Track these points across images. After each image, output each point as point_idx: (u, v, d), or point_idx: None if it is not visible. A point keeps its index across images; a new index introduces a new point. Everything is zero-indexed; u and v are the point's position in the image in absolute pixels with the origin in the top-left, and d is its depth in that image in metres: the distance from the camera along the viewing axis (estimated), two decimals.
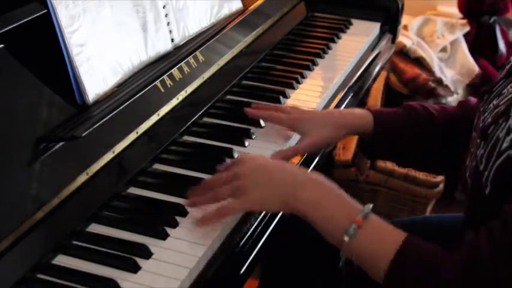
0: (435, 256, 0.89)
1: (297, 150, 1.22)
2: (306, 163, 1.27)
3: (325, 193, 0.97)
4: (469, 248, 0.87)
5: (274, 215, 1.11)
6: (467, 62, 2.62)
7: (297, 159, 1.27)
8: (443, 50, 2.63)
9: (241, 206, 0.99)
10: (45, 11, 1.04)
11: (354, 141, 2.24)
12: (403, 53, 2.52)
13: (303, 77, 1.54)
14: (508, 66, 1.07)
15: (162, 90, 1.21)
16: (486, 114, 1.04)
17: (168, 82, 1.23)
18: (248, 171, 1.00)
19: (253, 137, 1.28)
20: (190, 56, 1.31)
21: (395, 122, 1.25)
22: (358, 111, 1.27)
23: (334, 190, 0.97)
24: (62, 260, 0.95)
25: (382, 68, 1.79)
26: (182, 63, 1.28)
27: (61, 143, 0.99)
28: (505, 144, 0.92)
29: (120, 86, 1.16)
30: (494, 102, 1.03)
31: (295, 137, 1.30)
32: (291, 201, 0.96)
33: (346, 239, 0.92)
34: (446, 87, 2.48)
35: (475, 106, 1.22)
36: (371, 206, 0.95)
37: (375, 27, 1.82)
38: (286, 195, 0.96)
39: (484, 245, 0.85)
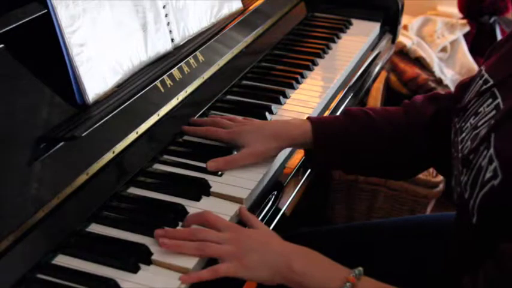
0: None
1: (235, 160, 1.17)
2: (305, 164, 1.27)
3: (314, 260, 0.98)
4: None
5: (275, 213, 1.11)
6: (467, 62, 2.62)
7: (297, 159, 1.27)
8: (443, 50, 2.63)
9: (233, 270, 0.95)
10: (45, 11, 1.04)
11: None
12: (403, 53, 2.51)
13: (303, 77, 1.54)
14: (480, 81, 1.04)
15: (162, 90, 1.21)
16: (464, 134, 1.01)
17: (168, 82, 1.23)
18: (241, 239, 0.98)
19: None
20: (190, 56, 1.31)
21: (334, 128, 1.21)
22: (295, 121, 1.24)
23: (321, 257, 0.98)
24: (62, 260, 0.95)
25: (382, 68, 1.79)
26: (182, 63, 1.28)
27: (61, 143, 0.99)
28: (488, 174, 0.89)
29: (120, 86, 1.16)
30: (471, 121, 1.00)
31: None
32: (283, 271, 0.96)
33: None
34: (446, 87, 2.48)
35: (420, 105, 1.22)
36: (361, 268, 0.95)
37: (374, 27, 1.83)
38: (279, 264, 0.96)
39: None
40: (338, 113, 1.47)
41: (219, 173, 1.15)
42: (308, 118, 1.23)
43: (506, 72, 0.98)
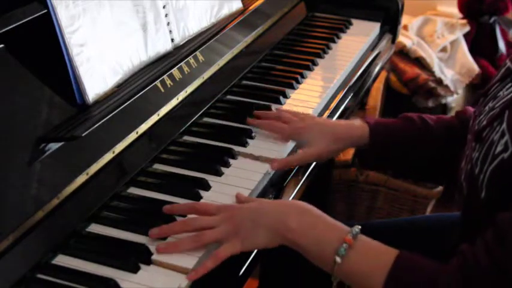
0: (429, 272, 0.88)
1: (299, 159, 1.22)
2: (305, 165, 1.27)
3: (312, 218, 0.97)
4: (466, 262, 0.86)
5: None
6: (467, 62, 2.62)
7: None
8: (443, 50, 2.63)
9: (234, 249, 0.96)
10: (45, 11, 1.04)
11: (353, 148, 2.24)
12: (403, 53, 2.51)
13: (303, 77, 1.54)
14: (503, 69, 1.06)
15: (162, 90, 1.21)
16: (481, 116, 1.03)
17: (168, 82, 1.23)
18: (234, 213, 0.99)
19: (253, 136, 1.28)
20: (190, 56, 1.31)
21: (392, 132, 1.24)
22: (354, 122, 1.27)
23: (320, 214, 0.98)
24: (62, 260, 0.95)
25: (382, 68, 1.79)
26: (182, 63, 1.28)
27: (61, 143, 0.99)
28: (499, 148, 0.91)
29: (120, 86, 1.16)
30: (490, 104, 1.03)
31: None
32: (281, 231, 0.96)
33: (338, 259, 0.92)
34: (446, 87, 2.48)
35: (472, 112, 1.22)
36: (359, 227, 0.94)
37: (374, 27, 1.82)
38: (277, 226, 0.96)
39: (482, 260, 0.84)
40: (338, 113, 1.47)
41: (220, 173, 1.15)
42: (365, 120, 1.26)
43: None
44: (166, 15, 1.28)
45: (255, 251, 1.03)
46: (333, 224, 0.96)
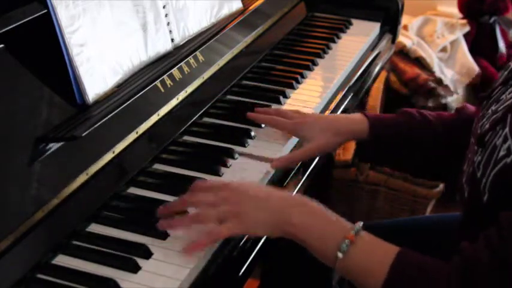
0: (430, 269, 0.89)
1: (299, 156, 1.23)
2: (306, 163, 1.27)
3: (315, 214, 0.97)
4: (467, 258, 0.86)
5: None
6: (467, 62, 2.62)
7: None
8: (443, 50, 2.63)
9: (233, 230, 0.97)
10: (45, 11, 1.04)
11: (354, 141, 2.24)
12: (403, 53, 2.51)
13: (303, 77, 1.54)
14: (506, 72, 1.06)
15: (162, 90, 1.21)
16: (484, 120, 1.03)
17: (168, 82, 1.23)
18: (238, 197, 0.99)
19: (253, 137, 1.28)
20: (190, 56, 1.31)
21: (391, 127, 1.25)
22: (354, 116, 1.27)
23: (322, 210, 0.98)
24: (62, 260, 0.95)
25: (382, 68, 1.79)
26: (182, 63, 1.28)
27: (61, 143, 0.99)
28: (502, 152, 0.91)
29: (120, 86, 1.16)
30: (493, 108, 1.02)
31: (295, 138, 1.30)
32: (282, 225, 0.96)
33: (339, 255, 0.92)
34: (446, 87, 2.48)
35: (472, 113, 1.21)
36: (361, 223, 0.95)
37: (374, 27, 1.82)
38: (278, 219, 0.96)
39: (483, 255, 0.84)
40: (338, 113, 1.47)
41: (220, 173, 1.15)
42: (364, 114, 1.26)
43: None
44: (166, 15, 1.28)
45: (255, 251, 1.03)
46: (335, 220, 0.96)
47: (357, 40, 1.76)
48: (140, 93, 1.16)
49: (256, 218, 0.97)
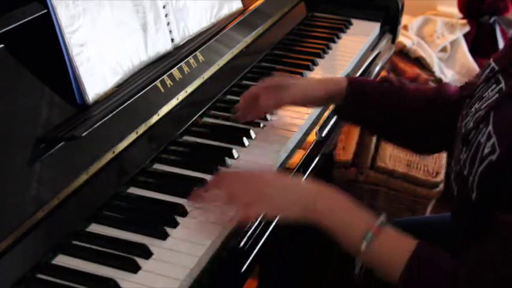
0: (444, 269, 0.91)
1: (279, 102, 1.27)
2: (306, 163, 1.27)
3: (340, 203, 1.00)
4: (473, 268, 0.89)
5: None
6: (467, 62, 2.62)
7: (297, 159, 1.27)
8: (443, 50, 2.63)
9: (266, 209, 1.01)
10: (45, 11, 1.04)
11: (354, 141, 2.24)
12: (403, 53, 2.51)
13: (302, 77, 1.54)
14: (487, 70, 1.07)
15: (162, 90, 1.21)
16: (468, 118, 1.05)
17: (168, 82, 1.23)
18: (269, 182, 1.02)
19: (253, 137, 1.28)
20: (190, 56, 1.31)
21: (367, 88, 1.28)
22: (335, 77, 1.34)
23: (348, 200, 1.00)
24: (62, 260, 0.95)
25: (382, 68, 1.79)
26: (182, 63, 1.28)
27: (61, 143, 0.99)
28: (486, 150, 0.93)
29: (120, 86, 1.16)
30: (476, 106, 1.04)
31: (295, 138, 1.30)
32: (309, 211, 0.99)
33: (363, 246, 0.95)
34: None
35: (453, 93, 1.24)
36: (385, 216, 0.98)
37: (374, 27, 1.82)
38: (306, 204, 0.99)
39: (487, 269, 0.86)
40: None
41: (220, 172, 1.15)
42: (346, 77, 1.30)
43: (511, 58, 1.02)
44: (166, 15, 1.28)
45: (254, 252, 1.03)
46: (360, 212, 0.99)
47: (357, 40, 1.76)
48: (140, 93, 1.16)
49: (284, 201, 1.00)
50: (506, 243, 0.86)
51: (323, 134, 1.38)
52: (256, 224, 1.08)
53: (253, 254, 1.04)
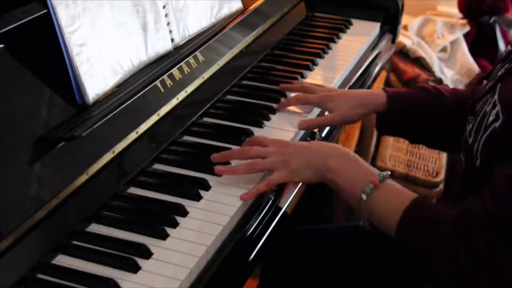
0: (436, 215, 0.97)
1: (326, 120, 1.34)
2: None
3: (348, 160, 1.08)
4: (466, 211, 0.94)
5: (273, 216, 1.12)
6: (467, 62, 2.62)
7: None
8: (443, 50, 2.63)
9: (286, 176, 1.10)
10: (45, 11, 1.04)
11: (354, 141, 2.24)
12: (403, 53, 2.52)
13: (303, 77, 1.54)
14: (505, 52, 1.11)
15: (162, 90, 1.21)
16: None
17: (168, 82, 1.23)
18: (285, 149, 1.11)
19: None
20: (190, 56, 1.31)
21: (407, 100, 1.33)
22: (375, 91, 1.36)
23: (355, 157, 1.09)
24: (62, 260, 0.95)
25: (382, 68, 1.79)
26: (182, 63, 1.28)
27: (61, 143, 0.99)
28: (491, 118, 0.98)
29: (120, 86, 1.16)
30: (489, 84, 1.08)
31: (296, 138, 1.30)
32: (322, 170, 1.08)
33: (363, 197, 1.02)
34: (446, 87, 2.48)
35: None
36: (389, 173, 1.05)
37: (374, 27, 1.82)
38: (319, 165, 1.08)
39: (478, 210, 0.91)
40: None
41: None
42: (384, 89, 1.36)
43: None
44: (166, 15, 1.28)
45: (254, 252, 1.03)
46: (366, 167, 1.08)
47: (357, 40, 1.76)
48: (140, 93, 1.16)
49: (301, 164, 1.09)
50: (494, 186, 0.91)
51: (323, 134, 1.38)
52: (256, 224, 1.08)
53: (253, 255, 1.04)
